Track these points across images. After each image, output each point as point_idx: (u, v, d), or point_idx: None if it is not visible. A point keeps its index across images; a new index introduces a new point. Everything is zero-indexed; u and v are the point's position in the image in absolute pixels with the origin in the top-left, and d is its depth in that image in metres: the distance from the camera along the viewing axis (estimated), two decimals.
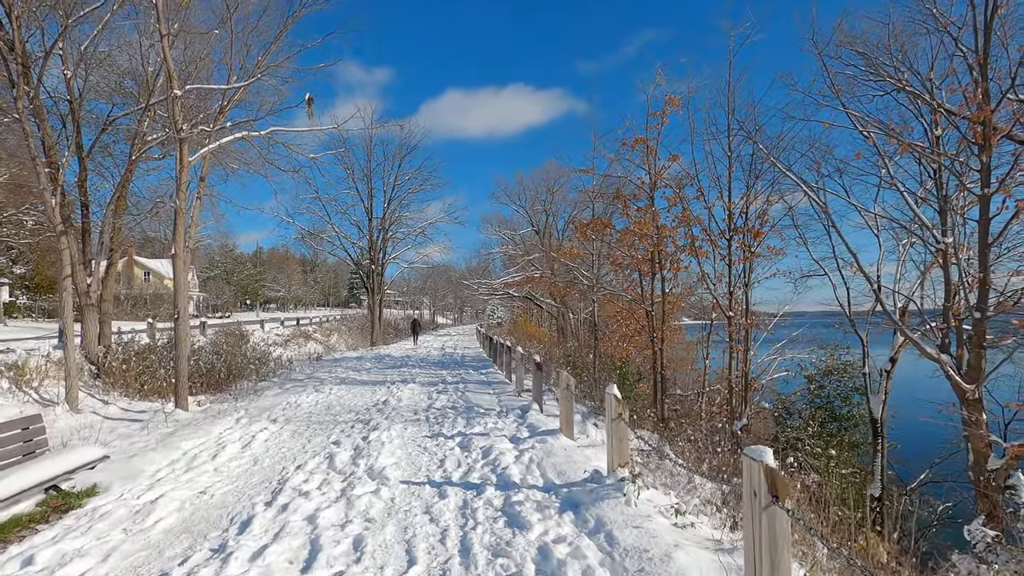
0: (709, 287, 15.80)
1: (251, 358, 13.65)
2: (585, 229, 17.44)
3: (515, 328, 41.35)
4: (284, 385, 12.15)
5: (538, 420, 7.44)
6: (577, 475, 4.81)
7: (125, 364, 10.83)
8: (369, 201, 30.50)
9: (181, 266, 8.50)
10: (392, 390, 11.04)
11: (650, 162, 16.41)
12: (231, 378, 12.45)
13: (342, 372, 14.65)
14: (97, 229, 12.26)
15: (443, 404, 9.24)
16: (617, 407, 4.39)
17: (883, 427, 13.82)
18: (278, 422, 7.74)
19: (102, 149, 12.20)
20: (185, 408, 8.52)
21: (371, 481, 4.93)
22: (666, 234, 14.73)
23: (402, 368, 16.02)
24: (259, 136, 9.25)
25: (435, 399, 9.81)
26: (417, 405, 9.24)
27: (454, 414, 8.22)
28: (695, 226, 15.42)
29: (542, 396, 8.36)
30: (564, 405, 6.37)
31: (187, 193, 9.84)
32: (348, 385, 11.99)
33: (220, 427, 7.32)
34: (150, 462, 5.45)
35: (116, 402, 10.11)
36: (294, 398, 10.02)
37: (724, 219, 15.99)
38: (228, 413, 8.41)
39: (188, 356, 11.62)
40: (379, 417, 8.03)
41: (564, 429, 6.40)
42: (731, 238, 15.67)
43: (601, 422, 8.39)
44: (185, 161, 8.49)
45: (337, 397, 10.26)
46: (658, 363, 16.59)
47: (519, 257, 38.86)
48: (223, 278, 69.01)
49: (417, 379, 13.06)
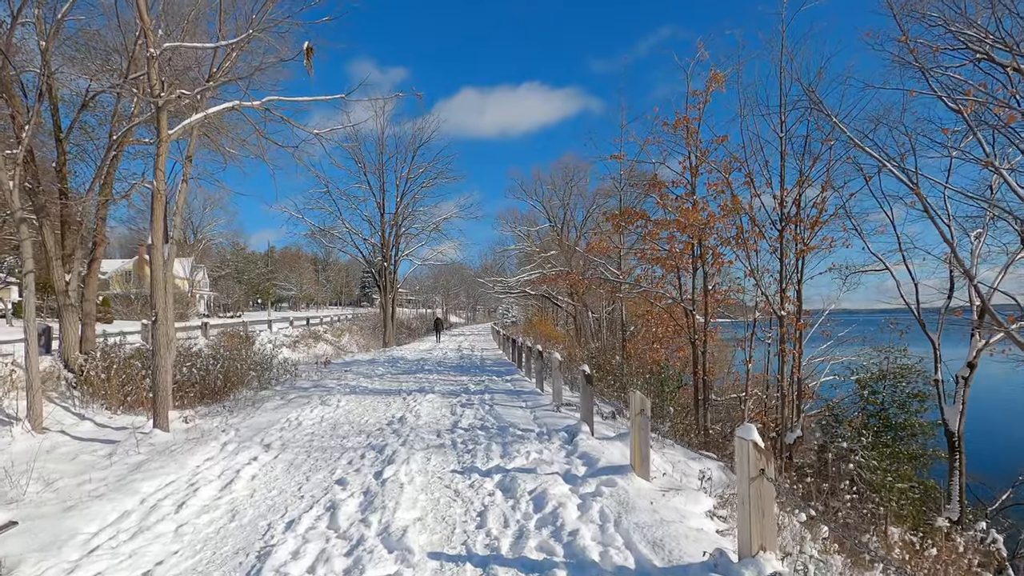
0: (757, 282, 14.20)
1: (252, 363, 12.32)
2: (617, 220, 15.88)
3: (530, 327, 40.03)
4: (287, 395, 10.78)
5: (592, 448, 5.95)
6: (685, 552, 3.32)
7: (107, 372, 9.53)
8: (381, 196, 29.22)
9: (160, 259, 7.14)
10: (409, 402, 9.61)
11: (691, 145, 14.84)
12: (228, 387, 11.12)
13: (352, 379, 13.27)
14: (91, 221, 10.99)
15: (470, 422, 7.78)
16: (757, 459, 2.89)
17: (961, 441, 12.12)
18: (272, 449, 6.33)
19: (84, 132, 10.91)
20: (165, 427, 7.16)
21: (387, 555, 3.46)
22: (713, 224, 13.14)
23: (418, 374, 14.60)
24: (254, 107, 7.84)
25: (460, 415, 8.35)
26: (439, 423, 7.79)
27: (486, 437, 6.75)
28: (743, 216, 13.82)
29: (592, 416, 6.86)
30: (637, 435, 4.87)
31: (170, 173, 8.51)
32: (359, 395, 10.59)
33: (200, 456, 5.92)
34: (91, 518, 4.04)
35: (95, 416, 8.79)
36: (296, 413, 8.62)
37: (773, 208, 14.38)
38: (214, 435, 7.02)
39: (174, 364, 10.30)
40: (395, 441, 6.58)
41: (637, 467, 4.90)
42: (783, 229, 14.05)
43: (661, 447, 6.89)
44: (164, 133, 7.11)
45: (345, 411, 8.85)
46: (700, 367, 15.01)
47: (536, 254, 37.42)
48: (234, 277, 68.34)
49: (436, 387, 11.62)
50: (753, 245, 14.01)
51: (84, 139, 10.75)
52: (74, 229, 10.20)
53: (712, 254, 14.62)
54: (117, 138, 9.52)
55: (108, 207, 10.92)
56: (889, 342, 13.23)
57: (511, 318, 63.79)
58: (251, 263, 76.75)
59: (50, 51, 9.28)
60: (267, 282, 75.93)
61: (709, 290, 15.08)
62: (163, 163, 7.16)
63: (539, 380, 11.01)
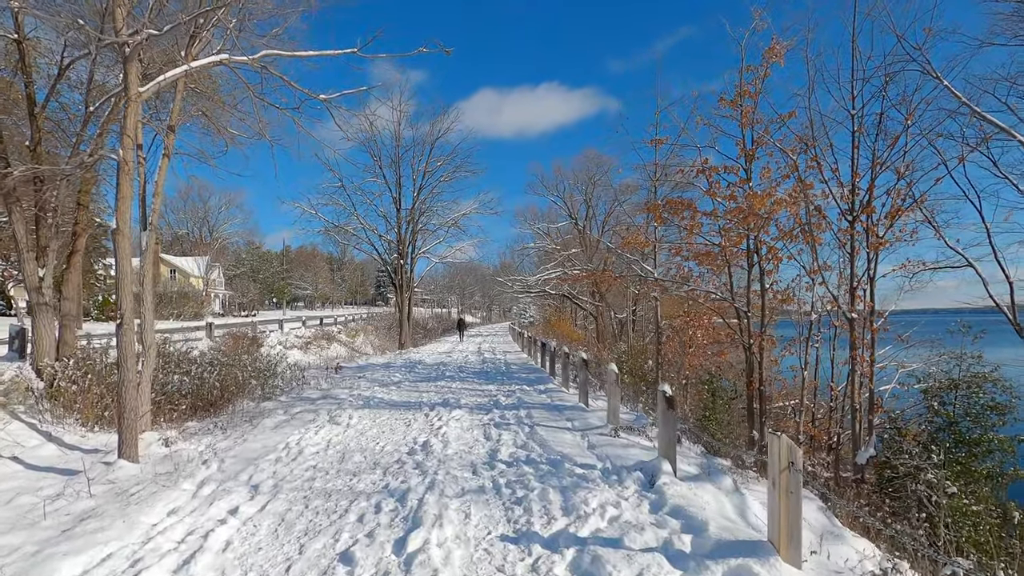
0: (823, 280, 12.47)
1: (255, 370, 10.92)
2: (659, 211, 14.23)
3: (549, 327, 38.65)
4: (292, 408, 9.35)
5: (687, 500, 4.37)
6: None
7: (81, 382, 8.18)
8: (397, 191, 27.82)
9: (126, 246, 5.71)
10: (432, 420, 8.10)
11: (746, 127, 13.13)
12: (226, 397, 9.74)
13: (366, 388, 11.81)
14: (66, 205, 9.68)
15: (511, 451, 6.23)
16: None
17: None
18: (261, 493, 4.84)
19: (62, 107, 9.60)
20: (133, 457, 5.73)
21: None
22: (779, 212, 11.43)
23: (439, 381, 13.10)
24: (247, 64, 6.39)
25: (497, 440, 6.80)
26: (473, 453, 6.25)
27: (536, 477, 5.19)
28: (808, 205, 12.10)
29: (675, 449, 5.26)
30: (784, 503, 3.28)
31: (149, 147, 7.12)
32: (373, 410, 9.11)
33: (163, 506, 4.46)
34: None
35: (64, 435, 7.43)
36: (298, 435, 7.16)
37: (840, 196, 12.61)
38: (193, 468, 5.57)
39: (163, 371, 8.92)
40: (419, 482, 5.06)
41: (782, 546, 3.31)
42: (854, 220, 12.27)
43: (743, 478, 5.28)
44: (133, 90, 5.67)
45: (357, 433, 7.36)
46: (756, 376, 13.29)
47: (556, 252, 35.88)
48: (249, 276, 67.80)
49: (462, 400, 10.09)
50: (818, 238, 12.30)
51: (64, 113, 9.43)
52: (50, 216, 8.88)
53: (767, 249, 12.91)
54: (94, 109, 8.15)
55: (91, 192, 9.59)
56: (961, 347, 11.58)
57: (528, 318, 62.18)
58: (266, 262, 76.27)
59: (23, 12, 7.96)
60: (282, 281, 75.37)
61: (766, 289, 13.34)
62: (132, 127, 5.73)
63: (582, 393, 9.43)
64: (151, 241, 6.99)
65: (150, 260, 7.00)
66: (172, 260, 58.33)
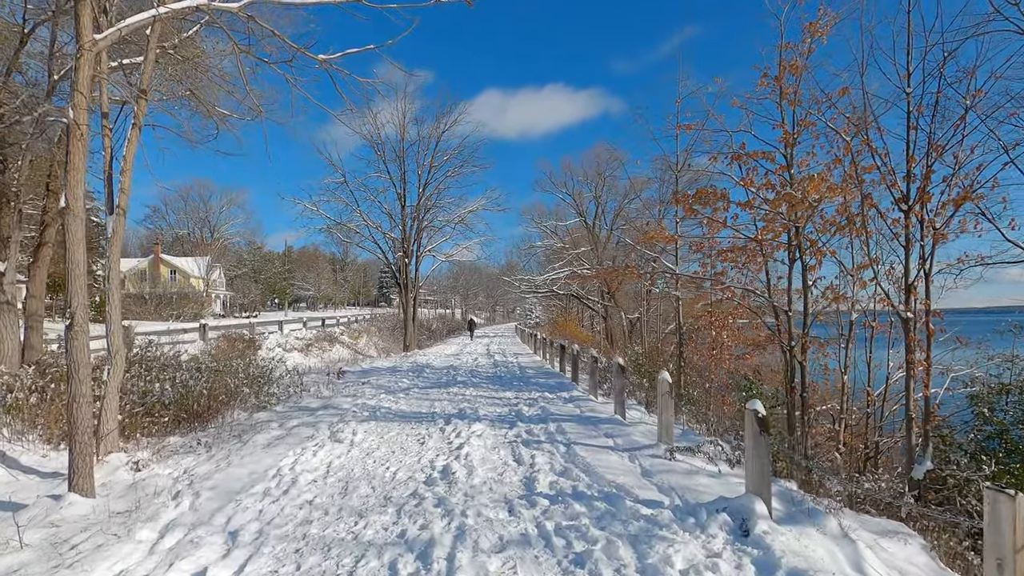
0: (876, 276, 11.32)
1: (248, 376, 9.81)
2: (689, 201, 13.10)
3: (556, 328, 37.65)
4: (288, 420, 8.24)
5: (804, 559, 3.25)
6: None
7: (43, 393, 7.09)
8: (402, 186, 26.70)
9: (79, 229, 4.61)
10: (450, 436, 6.97)
11: (783, 109, 11.99)
12: (215, 408, 8.63)
13: (371, 395, 10.69)
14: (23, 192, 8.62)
15: (551, 479, 5.09)
16: None
17: None
18: (239, 546, 3.72)
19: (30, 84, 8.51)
20: (87, 489, 4.62)
21: None
22: (833, 199, 10.27)
23: (451, 388, 11.97)
24: (230, 10, 5.30)
25: (530, 464, 5.65)
26: (503, 480, 5.12)
27: (594, 523, 4.05)
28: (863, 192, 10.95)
29: (770, 486, 4.12)
30: None
31: (117, 118, 6.05)
32: (380, 423, 7.99)
33: (110, 566, 3.36)
34: None
35: (22, 455, 6.33)
36: (292, 457, 6.04)
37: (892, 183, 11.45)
38: (157, 510, 4.45)
39: (144, 379, 7.83)
40: (445, 531, 3.93)
41: None
42: (908, 210, 11.10)
43: (834, 511, 4.17)
44: (86, 36, 4.58)
45: (363, 454, 6.24)
46: (798, 383, 12.12)
47: (565, 251, 34.81)
48: (250, 276, 66.81)
49: (480, 410, 8.96)
50: (870, 230, 11.16)
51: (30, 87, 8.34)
52: (11, 205, 7.80)
53: (808, 242, 11.77)
54: (58, 78, 7.07)
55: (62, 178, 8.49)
56: (1012, 348, 10.56)
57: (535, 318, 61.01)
58: (268, 262, 75.30)
59: None
60: (284, 282, 74.40)
61: (808, 285, 12.18)
62: (84, 83, 4.63)
63: (618, 404, 8.29)
64: (119, 227, 5.89)
65: (117, 249, 5.89)
66: (172, 260, 57.41)
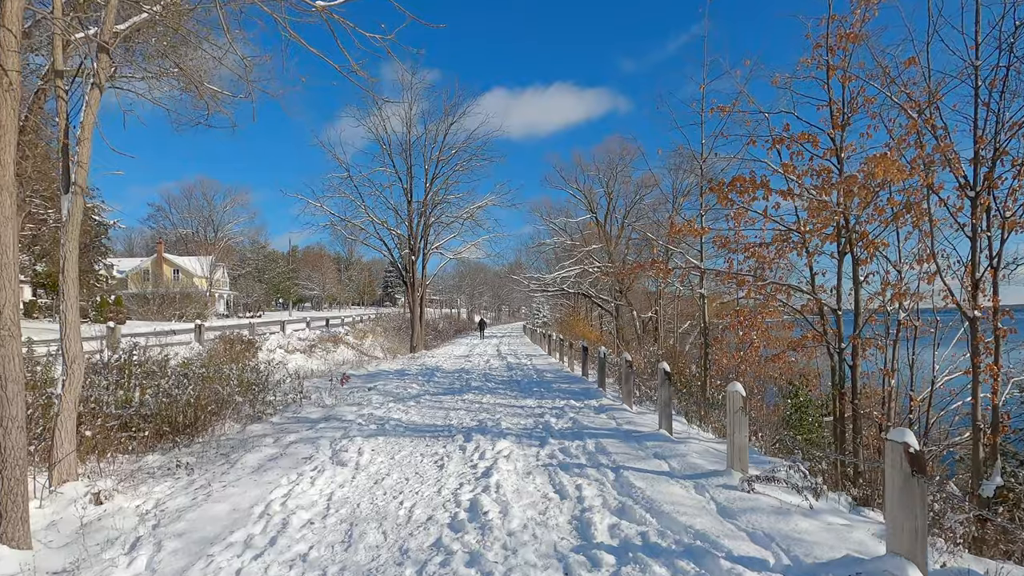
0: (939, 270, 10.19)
1: (242, 383, 8.79)
2: (724, 190, 11.99)
3: (564, 327, 36.70)
4: (285, 434, 7.21)
5: None
6: None
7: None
8: (408, 181, 25.66)
9: (8, 203, 3.60)
10: (472, 458, 5.91)
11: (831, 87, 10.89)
12: (202, 420, 7.60)
13: (379, 404, 9.65)
14: None
15: (609, 523, 4.01)
16: None
17: None
18: None
19: None
20: (19, 540, 3.59)
21: None
22: (898, 182, 9.14)
23: (465, 394, 10.91)
24: None
25: (576, 498, 4.57)
26: (549, 524, 4.05)
27: None
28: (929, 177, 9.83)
29: (926, 549, 3.05)
30: None
31: (75, 94, 5.09)
32: (390, 438, 6.93)
33: None
34: None
35: None
36: (287, 485, 4.99)
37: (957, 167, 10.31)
38: (108, 565, 3.42)
39: (122, 387, 6.82)
40: None
41: None
42: (976, 196, 9.96)
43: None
44: None
45: (371, 482, 5.18)
46: (849, 390, 10.99)
47: (576, 248, 33.74)
48: (254, 276, 66.02)
49: (502, 422, 7.88)
50: (935, 219, 10.03)
51: None
52: None
53: (858, 234, 10.67)
54: None
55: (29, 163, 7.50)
56: None
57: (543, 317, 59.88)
58: (272, 262, 74.51)
59: None
60: (288, 281, 73.59)
61: (860, 281, 11.05)
62: (12, 15, 3.60)
63: (663, 417, 7.20)
64: (76, 208, 4.85)
65: (74, 236, 4.86)
66: (175, 260, 56.68)
